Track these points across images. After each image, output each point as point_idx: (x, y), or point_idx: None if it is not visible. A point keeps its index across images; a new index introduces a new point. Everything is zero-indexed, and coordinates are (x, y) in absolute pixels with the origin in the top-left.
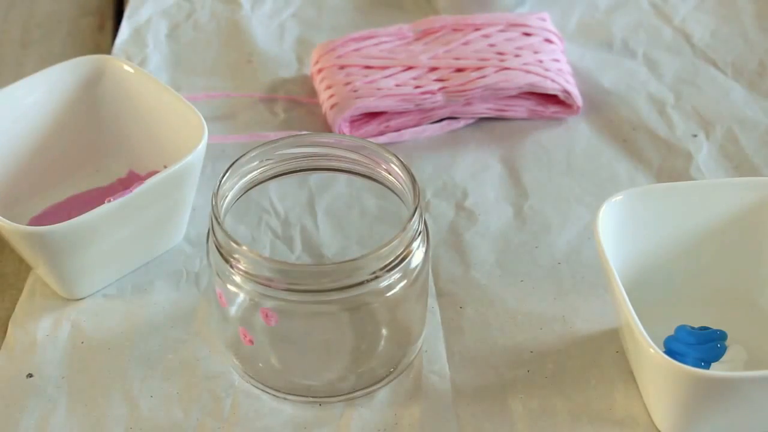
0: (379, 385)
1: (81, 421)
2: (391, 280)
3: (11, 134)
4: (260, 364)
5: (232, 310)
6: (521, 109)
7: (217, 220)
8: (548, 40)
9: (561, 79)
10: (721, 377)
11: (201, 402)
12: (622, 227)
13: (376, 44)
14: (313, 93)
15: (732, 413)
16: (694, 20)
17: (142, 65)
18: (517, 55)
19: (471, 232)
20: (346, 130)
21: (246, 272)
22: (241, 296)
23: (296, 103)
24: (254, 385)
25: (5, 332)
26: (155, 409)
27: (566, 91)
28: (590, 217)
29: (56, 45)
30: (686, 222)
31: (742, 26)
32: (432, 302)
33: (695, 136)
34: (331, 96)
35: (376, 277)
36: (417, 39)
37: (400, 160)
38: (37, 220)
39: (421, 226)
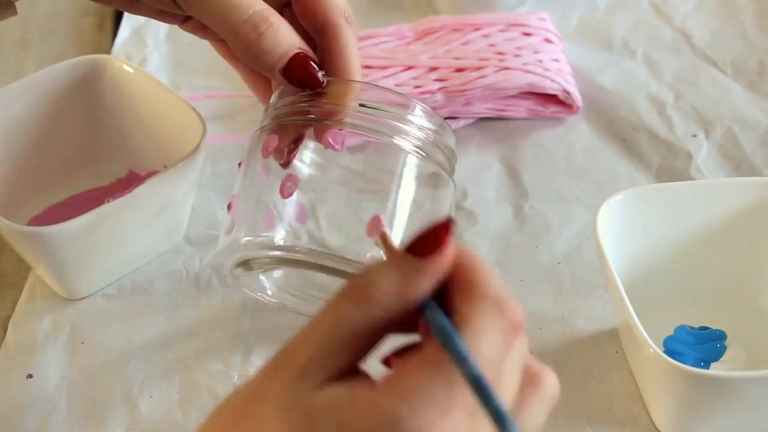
0: None
1: (81, 421)
2: None
3: (11, 134)
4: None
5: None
6: (521, 109)
7: None
8: (548, 40)
9: (561, 78)
10: (721, 377)
11: (201, 402)
12: (622, 227)
13: (376, 44)
14: None
15: (732, 413)
16: (694, 20)
17: (142, 65)
18: (516, 55)
19: (471, 232)
20: None
21: None
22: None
23: None
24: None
25: (5, 332)
26: (155, 409)
27: (566, 91)
28: (590, 217)
29: (56, 45)
30: (686, 222)
31: (742, 26)
32: None
33: (695, 136)
34: None
35: None
36: (417, 39)
37: None
38: (37, 220)
39: None
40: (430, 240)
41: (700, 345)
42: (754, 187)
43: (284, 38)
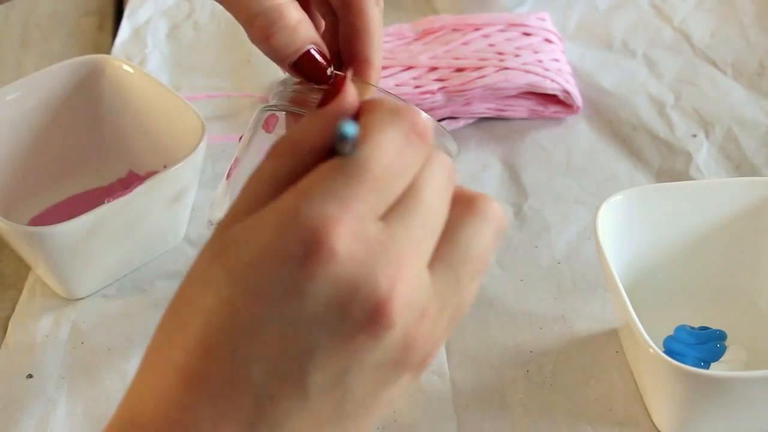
0: None
1: (81, 421)
2: None
3: (11, 134)
4: None
5: None
6: (521, 109)
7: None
8: (548, 40)
9: (561, 79)
10: (721, 377)
11: None
12: (622, 227)
13: None
14: None
15: (732, 413)
16: (694, 20)
17: (142, 65)
18: (516, 55)
19: None
20: None
21: None
22: None
23: None
24: None
25: (5, 332)
26: None
27: (566, 91)
28: (590, 217)
29: (56, 45)
30: (686, 222)
31: (742, 26)
32: None
33: (695, 136)
34: None
35: None
36: (417, 39)
37: None
38: (37, 220)
39: None
40: (328, 90)
41: (700, 345)
42: (754, 187)
43: (299, 34)
